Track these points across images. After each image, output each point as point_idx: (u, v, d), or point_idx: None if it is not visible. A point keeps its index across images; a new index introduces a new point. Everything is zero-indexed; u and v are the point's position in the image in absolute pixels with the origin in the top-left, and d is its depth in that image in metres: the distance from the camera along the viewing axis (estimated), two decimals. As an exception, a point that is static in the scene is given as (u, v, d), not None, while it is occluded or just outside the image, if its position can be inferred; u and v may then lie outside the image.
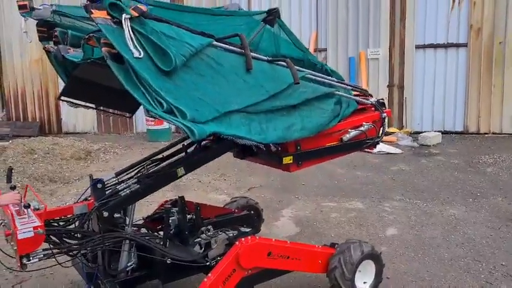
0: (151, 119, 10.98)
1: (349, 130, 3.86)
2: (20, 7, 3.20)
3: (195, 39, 2.89)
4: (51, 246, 3.10)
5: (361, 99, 4.13)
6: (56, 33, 3.05)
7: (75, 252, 3.33)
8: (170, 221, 3.68)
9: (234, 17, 3.89)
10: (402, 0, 11.54)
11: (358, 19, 11.84)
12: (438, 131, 11.29)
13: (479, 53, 11.28)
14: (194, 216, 3.76)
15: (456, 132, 11.59)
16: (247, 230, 4.00)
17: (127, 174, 3.80)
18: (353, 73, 11.94)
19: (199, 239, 3.61)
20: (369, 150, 4.36)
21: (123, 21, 2.50)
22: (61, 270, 4.03)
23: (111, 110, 4.14)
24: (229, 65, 3.08)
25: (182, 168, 3.46)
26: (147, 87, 2.50)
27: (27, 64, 13.82)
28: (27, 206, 2.99)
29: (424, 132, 11.23)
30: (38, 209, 3.17)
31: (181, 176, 3.47)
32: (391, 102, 11.90)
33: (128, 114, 4.25)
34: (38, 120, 14.05)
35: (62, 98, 3.74)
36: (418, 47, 11.68)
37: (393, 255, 4.78)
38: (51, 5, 3.31)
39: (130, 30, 2.51)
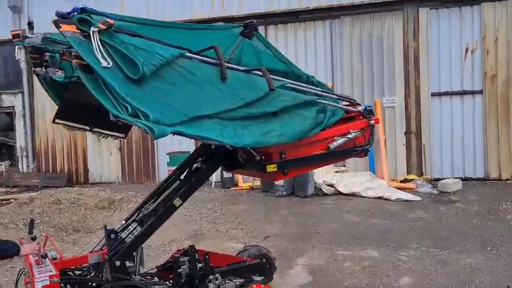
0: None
1: (336, 138, 3.86)
2: (14, 36, 3.37)
3: (166, 50, 3.04)
4: (66, 294, 3.29)
5: (347, 108, 4.15)
6: (45, 58, 3.26)
7: (89, 300, 3.49)
8: (180, 270, 3.82)
9: (211, 31, 3.99)
10: (416, 49, 11.84)
11: (373, 68, 12.17)
12: (458, 178, 11.19)
13: (495, 99, 11.34)
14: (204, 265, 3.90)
15: (477, 179, 11.46)
16: (259, 278, 4.10)
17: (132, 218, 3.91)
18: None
19: (208, 287, 3.72)
20: (359, 157, 4.29)
21: (91, 33, 2.65)
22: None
23: (105, 132, 4.17)
24: (203, 74, 3.19)
25: (178, 198, 3.59)
26: (114, 93, 2.62)
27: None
28: (45, 256, 3.23)
29: (444, 178, 11.14)
30: (55, 258, 3.39)
31: (180, 205, 3.57)
32: (409, 149, 11.96)
33: (121, 135, 4.29)
34: (66, 171, 14.63)
35: (57, 121, 3.85)
36: (433, 94, 11.83)
37: (405, 305, 4.75)
38: (44, 33, 3.51)
39: (98, 42, 2.66)
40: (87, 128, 4.03)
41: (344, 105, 4.22)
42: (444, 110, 11.79)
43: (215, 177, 12.66)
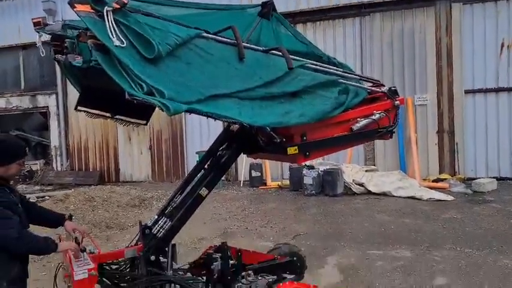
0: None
1: (359, 119, 3.77)
2: (35, 24, 3.38)
3: (182, 31, 2.99)
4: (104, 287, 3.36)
5: (371, 88, 4.05)
6: (65, 44, 3.27)
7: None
8: (213, 266, 3.85)
9: (228, 12, 3.92)
10: (448, 44, 11.58)
11: (404, 65, 11.96)
12: (493, 177, 10.87)
13: (532, 96, 10.98)
14: (236, 262, 3.91)
15: (513, 179, 11.12)
16: (291, 276, 4.08)
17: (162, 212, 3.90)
18: (401, 119, 11.89)
19: (240, 283, 3.74)
20: (384, 139, 4.16)
21: (105, 13, 2.64)
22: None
23: (126, 119, 4.13)
24: (220, 54, 3.14)
25: (204, 188, 3.59)
26: (129, 72, 2.61)
27: (91, 119, 14.92)
28: (83, 250, 3.30)
29: (478, 178, 10.85)
30: (92, 253, 3.48)
31: (206, 195, 3.57)
32: (442, 148, 11.70)
33: (142, 122, 4.23)
34: (98, 170, 14.99)
35: (79, 108, 3.85)
36: (467, 91, 11.54)
37: (440, 305, 4.65)
38: (63, 20, 3.55)
39: (112, 21, 2.64)
40: (109, 115, 4.02)
41: (368, 86, 4.12)
42: (478, 107, 11.48)
43: (243, 176, 12.73)
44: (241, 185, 12.58)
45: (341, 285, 5.34)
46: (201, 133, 13.58)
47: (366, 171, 11.14)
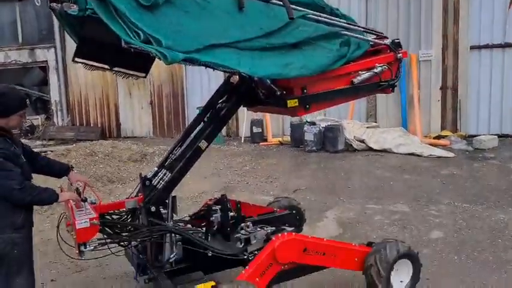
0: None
1: (360, 72, 3.73)
2: None
3: None
4: (105, 236, 3.42)
5: (373, 40, 3.98)
6: None
7: (126, 243, 3.63)
8: (213, 218, 3.91)
9: None
10: (455, -2, 11.25)
11: (410, 19, 11.66)
12: (495, 135, 10.85)
13: (539, 52, 10.76)
14: (236, 214, 3.97)
15: (515, 136, 11.10)
16: (290, 229, 4.15)
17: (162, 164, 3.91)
18: (404, 75, 11.75)
19: (239, 234, 3.80)
20: (385, 93, 4.11)
21: None
22: (115, 261, 4.41)
23: (125, 71, 4.00)
24: (219, 3, 3.08)
25: (203, 141, 3.59)
26: (126, 20, 2.58)
27: (90, 72, 14.75)
28: (85, 200, 3.35)
29: (480, 135, 10.82)
30: (94, 203, 3.52)
31: (206, 148, 3.58)
32: (445, 104, 11.61)
33: (141, 75, 4.12)
34: (99, 126, 14.99)
35: (76, 59, 3.76)
36: (473, 47, 11.31)
37: (435, 257, 4.75)
38: None
39: None
40: (107, 67, 3.92)
41: (370, 38, 4.03)
42: (483, 63, 11.29)
43: (244, 132, 12.74)
44: (242, 141, 12.61)
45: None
46: (201, 89, 13.48)
47: (367, 127, 11.11)
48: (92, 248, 3.22)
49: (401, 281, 3.82)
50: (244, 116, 12.41)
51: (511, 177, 7.80)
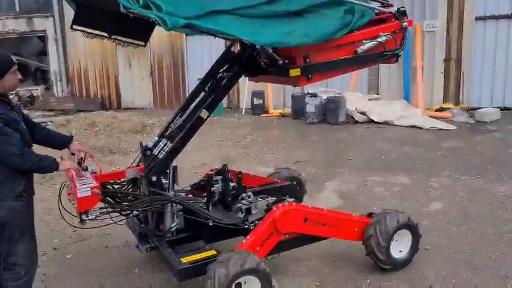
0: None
1: (364, 41, 3.68)
2: None
3: None
4: (107, 206, 3.43)
5: (378, 8, 3.91)
6: None
7: (127, 212, 3.64)
8: (214, 188, 3.91)
9: None
10: (461, -33, 10.97)
11: (415, -12, 11.42)
12: (497, 107, 10.78)
13: (546, 24, 10.56)
14: (237, 184, 3.97)
15: (517, 109, 11.03)
16: (290, 199, 4.16)
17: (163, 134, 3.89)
18: (407, 46, 11.57)
19: (240, 204, 3.81)
20: (389, 63, 4.07)
21: None
22: (117, 231, 4.45)
23: (124, 39, 3.93)
24: None
25: (204, 110, 3.56)
26: None
27: (89, 43, 14.55)
28: (86, 169, 3.34)
29: (482, 108, 10.75)
30: (94, 173, 3.51)
31: (207, 117, 3.55)
32: (448, 76, 11.48)
33: (141, 43, 4.03)
34: (99, 97, 14.89)
35: (74, 27, 3.68)
36: (478, 18, 11.09)
37: (434, 228, 4.78)
38: None
39: None
40: (106, 35, 3.83)
41: (375, 6, 3.94)
42: (488, 35, 11.10)
43: (245, 103, 12.67)
44: (243, 113, 12.56)
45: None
46: (202, 60, 13.31)
47: (369, 99, 11.04)
48: (94, 216, 3.23)
49: (400, 251, 3.86)
50: (245, 87, 12.30)
51: (511, 150, 7.79)
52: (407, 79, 11.53)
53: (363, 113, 10.54)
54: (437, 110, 11.04)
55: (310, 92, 10.90)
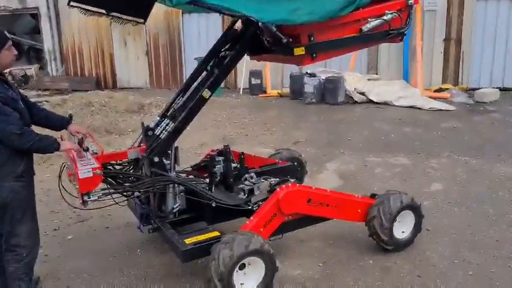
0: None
1: (370, 19, 3.62)
2: None
3: None
4: (108, 187, 3.38)
5: None
6: None
7: (129, 193, 3.60)
8: (216, 169, 3.87)
9: None
10: None
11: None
12: (497, 88, 10.74)
13: (547, 3, 10.45)
14: (239, 165, 3.93)
15: (517, 89, 11.00)
16: (292, 180, 4.13)
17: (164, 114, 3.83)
18: (407, 26, 11.44)
19: (243, 185, 3.78)
20: (394, 42, 4.01)
21: None
22: (118, 212, 4.41)
23: (123, 16, 3.82)
24: None
25: (207, 90, 3.50)
26: None
27: (83, 21, 14.29)
28: (86, 150, 3.27)
29: (481, 88, 10.70)
30: (95, 153, 3.45)
31: (209, 97, 3.50)
32: (447, 56, 11.41)
33: (140, 20, 3.90)
34: (94, 76, 14.69)
35: (72, 3, 3.56)
36: (479, -3, 10.98)
37: (436, 209, 4.78)
38: None
39: None
40: (104, 12, 3.69)
41: None
42: (489, 14, 10.99)
43: (243, 83, 12.55)
44: (241, 93, 12.45)
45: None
46: (199, 39, 13.12)
47: (369, 80, 10.96)
48: (96, 198, 3.18)
49: (403, 232, 3.86)
50: (243, 67, 12.16)
51: (511, 130, 7.77)
52: (406, 59, 11.44)
53: (362, 93, 10.48)
54: (436, 91, 11.00)
55: (308, 72, 10.80)
